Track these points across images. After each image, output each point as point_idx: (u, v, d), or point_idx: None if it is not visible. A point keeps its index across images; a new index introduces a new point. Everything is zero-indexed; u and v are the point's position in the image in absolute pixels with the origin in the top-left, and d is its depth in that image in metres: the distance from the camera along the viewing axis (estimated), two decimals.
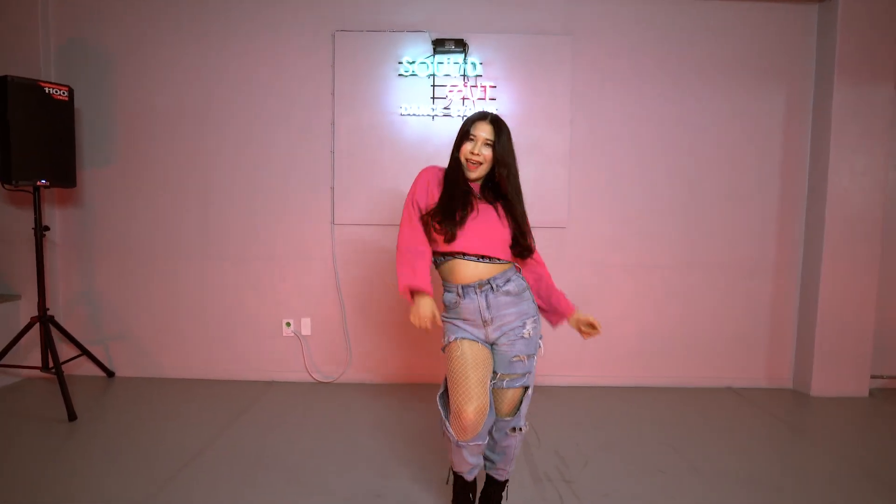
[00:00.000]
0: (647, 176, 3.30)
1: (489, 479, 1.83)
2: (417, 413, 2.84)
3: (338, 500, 1.97)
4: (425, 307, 1.60)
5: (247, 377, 3.34)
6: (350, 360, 3.34)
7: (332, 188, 3.24)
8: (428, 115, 3.19)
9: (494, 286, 1.65)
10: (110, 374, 3.33)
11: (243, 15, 3.20)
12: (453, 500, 1.82)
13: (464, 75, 3.18)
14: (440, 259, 1.71)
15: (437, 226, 1.64)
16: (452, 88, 3.17)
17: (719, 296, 3.37)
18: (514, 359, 1.65)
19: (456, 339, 1.66)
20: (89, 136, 3.23)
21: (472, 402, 1.56)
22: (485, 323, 1.65)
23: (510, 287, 1.67)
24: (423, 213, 1.68)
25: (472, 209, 1.65)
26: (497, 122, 1.69)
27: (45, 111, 2.76)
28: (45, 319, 2.86)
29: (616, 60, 3.25)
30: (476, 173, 1.69)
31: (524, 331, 1.66)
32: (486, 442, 1.68)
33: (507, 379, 1.66)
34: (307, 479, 2.11)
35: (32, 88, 2.71)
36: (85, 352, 3.16)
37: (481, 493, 1.85)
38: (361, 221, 3.23)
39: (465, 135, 1.69)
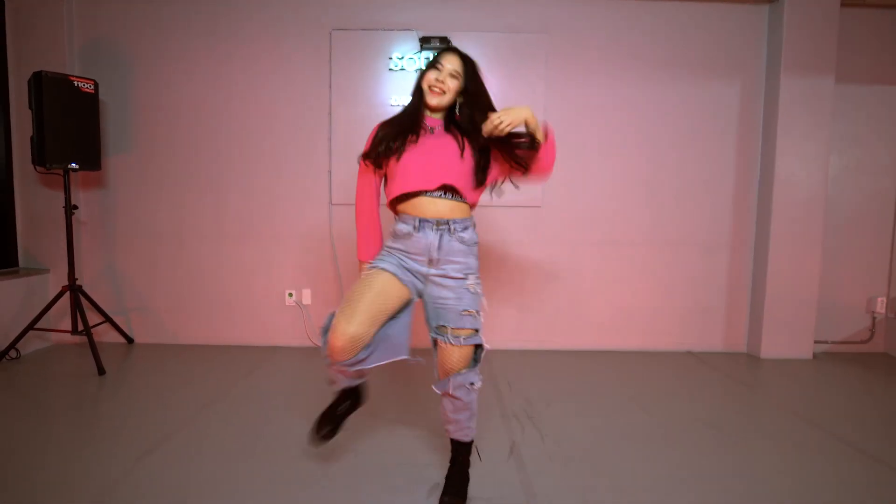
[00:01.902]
0: (614, 160, 3.65)
1: (455, 443, 1.80)
2: (404, 370, 3.20)
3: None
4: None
5: (253, 343, 3.70)
6: None
7: (330, 172, 3.59)
8: None
9: (452, 228, 1.66)
10: (130, 340, 3.69)
11: (247, 14, 3.53)
12: (332, 402, 1.84)
13: None
14: (402, 197, 1.69)
15: (380, 157, 1.68)
16: None
17: (680, 269, 3.72)
18: (464, 312, 1.65)
19: (377, 267, 1.66)
20: (111, 125, 3.57)
21: (352, 324, 1.55)
22: (430, 262, 1.67)
23: (466, 235, 1.68)
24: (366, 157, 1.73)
25: (413, 138, 1.66)
26: (465, 57, 1.70)
27: (74, 102, 3.11)
28: (74, 288, 3.22)
29: (587, 56, 3.59)
30: (437, 100, 1.68)
31: (467, 283, 1.67)
32: (359, 372, 1.74)
33: (464, 336, 1.65)
34: (308, 421, 2.46)
35: (63, 82, 3.06)
36: (108, 319, 3.52)
37: (450, 465, 1.82)
38: (355, 201, 3.57)
39: (432, 64, 1.69)
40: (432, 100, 1.68)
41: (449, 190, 1.67)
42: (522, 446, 2.21)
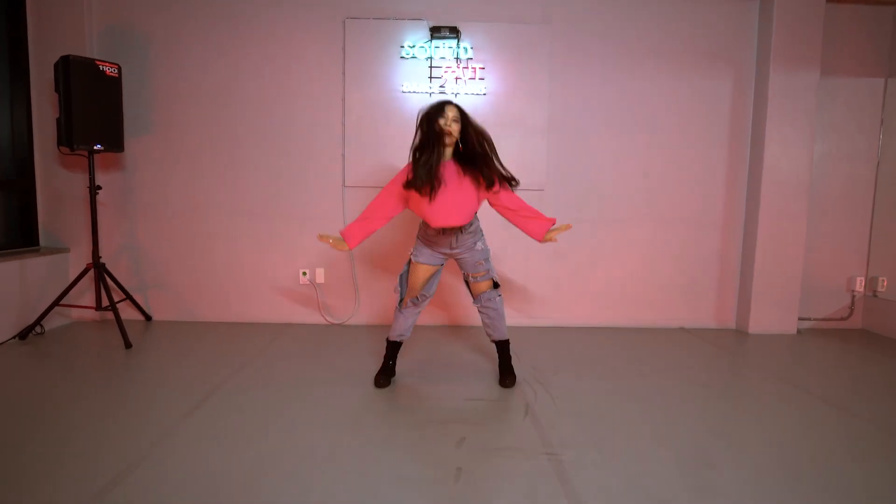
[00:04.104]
0: (612, 145, 3.84)
1: (498, 343, 2.72)
2: (409, 346, 3.38)
3: (352, 402, 2.51)
4: (337, 240, 2.52)
5: (268, 320, 3.85)
6: (358, 304, 3.87)
7: (343, 155, 3.74)
8: (426, 93, 3.69)
9: (463, 229, 2.51)
10: (148, 318, 3.82)
11: (264, 1, 3.65)
12: (385, 357, 2.73)
13: (457, 58, 3.67)
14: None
15: (417, 196, 2.35)
16: (447, 69, 3.67)
17: (674, 248, 3.94)
18: (476, 263, 2.57)
19: (417, 261, 2.56)
20: (127, 107, 3.66)
21: (414, 293, 2.60)
22: (451, 247, 2.53)
23: (472, 228, 2.54)
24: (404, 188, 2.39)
25: (439, 183, 2.32)
26: (458, 106, 2.37)
27: (99, 86, 3.22)
28: (98, 265, 3.34)
29: (588, 45, 3.77)
30: (450, 140, 2.35)
31: (476, 246, 2.56)
32: (417, 311, 2.66)
33: (479, 276, 2.60)
34: (320, 388, 2.63)
35: (89, 66, 3.17)
36: (128, 296, 3.65)
37: (499, 359, 2.74)
38: (368, 184, 3.74)
39: (438, 112, 2.32)
40: (448, 140, 2.35)
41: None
42: (536, 406, 2.41)
